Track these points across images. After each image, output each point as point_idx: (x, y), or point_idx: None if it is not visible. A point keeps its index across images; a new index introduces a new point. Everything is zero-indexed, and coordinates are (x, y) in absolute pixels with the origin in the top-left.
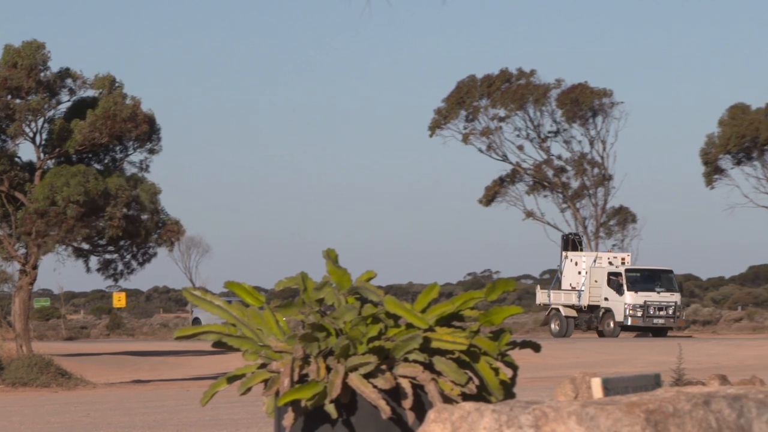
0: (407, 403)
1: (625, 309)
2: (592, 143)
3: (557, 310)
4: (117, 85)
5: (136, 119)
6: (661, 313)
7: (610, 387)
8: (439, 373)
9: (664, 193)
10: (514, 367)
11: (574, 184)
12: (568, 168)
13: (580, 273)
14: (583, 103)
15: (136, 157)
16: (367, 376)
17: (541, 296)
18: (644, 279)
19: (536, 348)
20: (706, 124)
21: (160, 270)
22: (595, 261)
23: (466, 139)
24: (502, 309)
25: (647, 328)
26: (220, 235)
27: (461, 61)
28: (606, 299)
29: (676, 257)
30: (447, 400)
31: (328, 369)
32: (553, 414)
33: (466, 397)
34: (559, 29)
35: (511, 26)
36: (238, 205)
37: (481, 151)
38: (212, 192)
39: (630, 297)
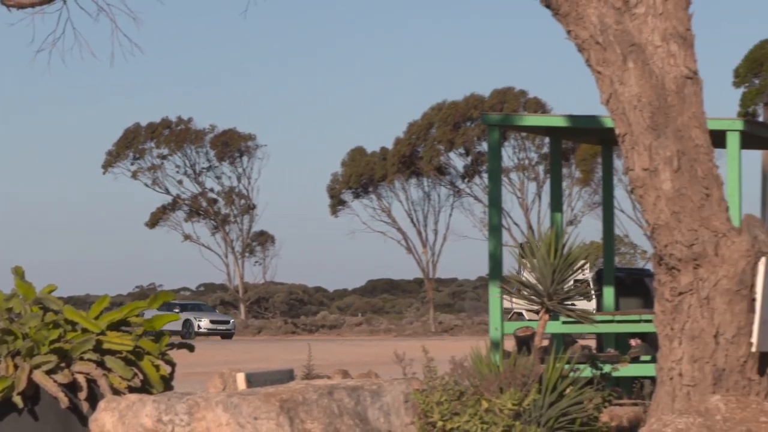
0: (82, 394)
1: None
2: (239, 178)
3: (520, 314)
4: None
5: None
6: None
7: (252, 380)
8: (109, 370)
9: (300, 220)
10: (172, 365)
11: (225, 212)
12: (219, 199)
13: None
14: (232, 145)
15: None
16: (49, 373)
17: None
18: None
19: (191, 348)
20: (332, 165)
21: None
22: None
23: (135, 175)
24: (163, 316)
25: None
26: None
27: (129, 109)
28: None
29: (309, 273)
30: (116, 392)
31: (16, 367)
32: (204, 403)
33: (132, 389)
34: (211, 80)
35: (169, 78)
36: None
37: (146, 185)
38: None
39: (596, 303)
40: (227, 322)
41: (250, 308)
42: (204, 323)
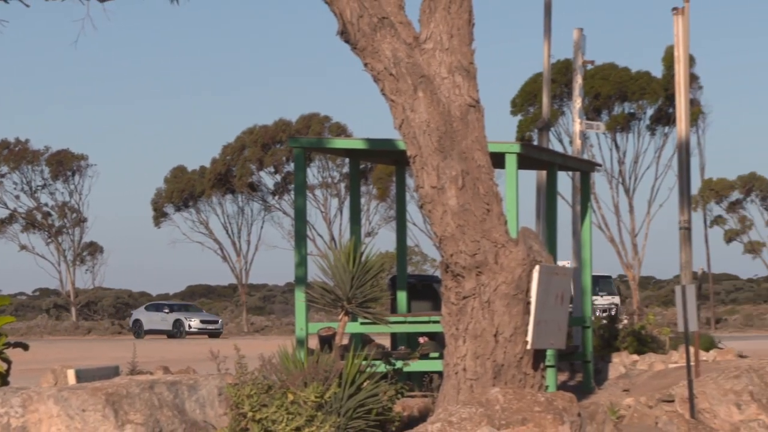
0: None
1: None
2: (71, 194)
3: None
4: None
5: None
6: (604, 314)
7: (82, 376)
8: None
9: (126, 231)
10: (8, 362)
11: (58, 224)
12: (53, 213)
13: None
14: (66, 165)
15: None
16: None
17: None
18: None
19: (25, 347)
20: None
21: None
22: None
23: None
24: (1, 318)
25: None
26: None
27: None
28: None
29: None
30: None
31: None
32: (37, 396)
33: None
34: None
35: (6, 102)
36: None
37: None
38: None
39: None
40: (216, 322)
41: (81, 311)
42: (194, 323)
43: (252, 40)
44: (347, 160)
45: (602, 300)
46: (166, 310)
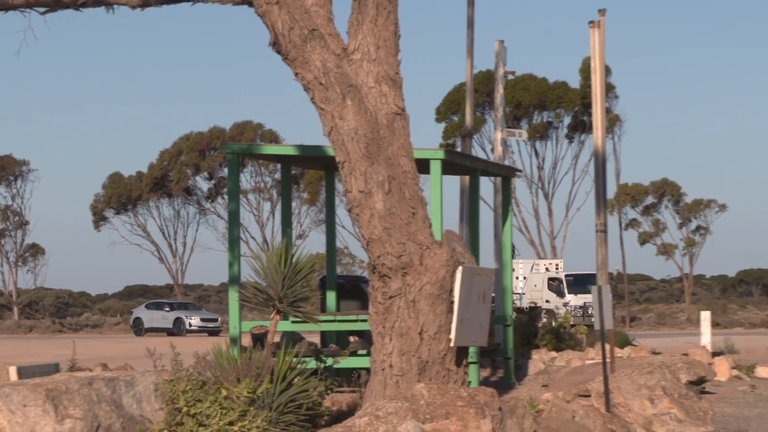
0: None
1: (567, 310)
2: (14, 198)
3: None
4: None
5: None
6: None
7: (23, 373)
8: None
9: (67, 233)
10: None
11: (0, 227)
12: None
13: (517, 278)
14: (8, 170)
15: None
16: None
17: None
18: (579, 282)
19: None
20: (96, 186)
21: None
22: (532, 267)
23: None
24: None
25: (586, 326)
26: None
27: None
28: (547, 301)
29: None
30: None
31: None
32: None
33: None
34: None
35: None
36: None
37: None
38: None
39: (572, 299)
40: (216, 320)
41: (23, 310)
42: (195, 321)
43: (188, 51)
44: (279, 165)
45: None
46: (167, 309)
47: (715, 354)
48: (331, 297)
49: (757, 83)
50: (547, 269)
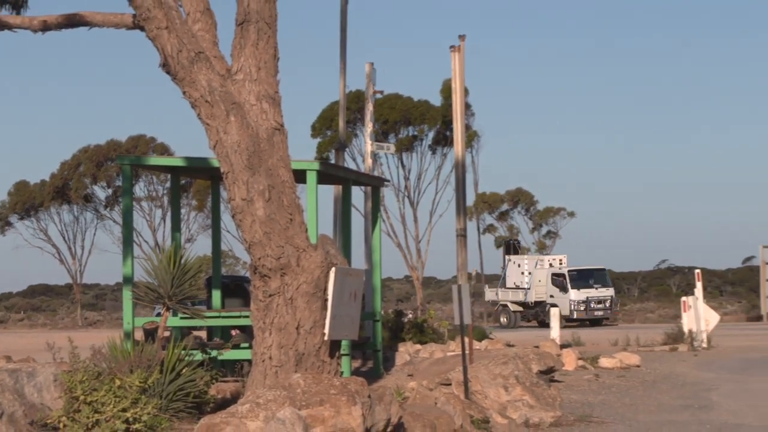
0: None
1: (570, 304)
2: None
3: (505, 305)
4: None
5: None
6: (599, 306)
7: None
8: None
9: None
10: None
11: None
12: None
13: (523, 273)
14: None
15: None
16: None
17: (490, 294)
18: (582, 277)
19: None
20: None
21: None
22: (537, 263)
23: None
24: None
25: (588, 319)
26: None
27: None
28: (551, 296)
29: None
30: None
31: None
32: None
33: None
34: None
35: None
36: None
37: None
38: None
39: (575, 294)
40: None
41: None
42: None
43: (89, 70)
44: (169, 175)
45: (597, 292)
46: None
47: (563, 346)
48: (216, 295)
49: (596, 103)
50: (551, 265)
